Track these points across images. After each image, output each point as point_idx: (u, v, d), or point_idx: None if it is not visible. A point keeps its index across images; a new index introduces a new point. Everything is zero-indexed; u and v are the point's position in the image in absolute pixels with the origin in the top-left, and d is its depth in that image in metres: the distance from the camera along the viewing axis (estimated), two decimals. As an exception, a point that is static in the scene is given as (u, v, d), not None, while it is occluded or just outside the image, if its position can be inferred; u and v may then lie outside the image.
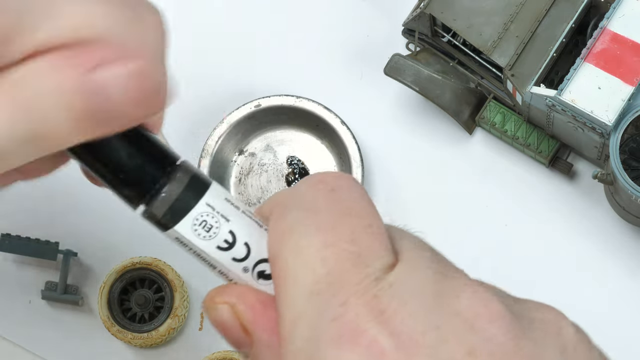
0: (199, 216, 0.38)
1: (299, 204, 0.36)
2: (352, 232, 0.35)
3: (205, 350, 0.82)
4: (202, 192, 0.39)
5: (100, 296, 0.81)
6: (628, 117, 0.72)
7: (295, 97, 0.82)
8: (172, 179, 0.39)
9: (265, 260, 0.38)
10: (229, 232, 0.38)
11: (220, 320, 0.38)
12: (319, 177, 0.37)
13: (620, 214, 0.80)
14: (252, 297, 0.37)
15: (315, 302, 0.33)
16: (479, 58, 0.81)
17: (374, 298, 0.33)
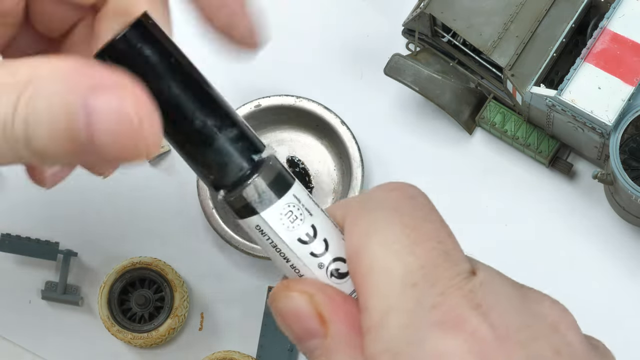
0: (286, 206, 0.39)
1: (380, 206, 0.38)
2: (437, 235, 0.37)
3: (205, 350, 0.82)
4: (290, 184, 0.39)
5: (100, 296, 0.81)
6: (628, 117, 0.72)
7: (295, 97, 0.82)
8: (263, 167, 0.39)
9: (340, 259, 0.39)
10: (311, 226, 0.39)
11: (295, 309, 0.38)
12: (395, 185, 0.40)
13: (620, 214, 0.80)
14: (331, 290, 0.38)
15: (412, 292, 0.35)
16: (479, 58, 0.81)
17: (470, 292, 0.35)
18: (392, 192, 0.39)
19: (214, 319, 0.83)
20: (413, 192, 0.39)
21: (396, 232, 0.37)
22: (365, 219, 0.38)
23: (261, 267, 0.83)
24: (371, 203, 0.38)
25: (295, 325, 0.38)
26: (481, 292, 0.36)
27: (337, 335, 0.38)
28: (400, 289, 0.35)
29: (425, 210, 0.38)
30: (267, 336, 0.81)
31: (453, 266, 0.36)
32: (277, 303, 0.39)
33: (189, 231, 0.84)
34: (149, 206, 0.85)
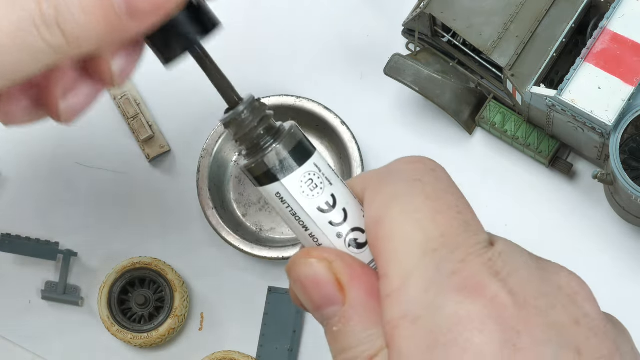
0: (307, 174, 0.39)
1: (401, 177, 0.38)
2: (456, 205, 0.38)
3: (205, 350, 0.82)
4: (311, 153, 0.39)
5: (100, 296, 0.81)
6: (628, 117, 0.72)
7: (295, 97, 0.82)
8: (283, 135, 0.39)
9: (359, 229, 0.39)
10: (330, 195, 0.39)
11: (313, 275, 0.39)
12: (416, 157, 0.40)
13: (620, 214, 0.80)
14: (350, 258, 0.39)
15: (432, 258, 0.36)
16: (479, 58, 0.81)
17: (489, 260, 0.36)
18: (413, 164, 0.39)
19: (214, 319, 0.83)
20: (433, 165, 0.40)
21: (417, 202, 0.37)
22: (386, 189, 0.38)
23: (261, 267, 0.83)
24: (392, 174, 0.39)
25: (314, 292, 0.39)
26: (500, 260, 0.36)
27: (355, 301, 0.38)
28: (420, 255, 0.36)
29: (446, 183, 0.39)
30: (267, 336, 0.81)
31: (473, 235, 0.37)
32: (296, 270, 0.39)
33: (189, 231, 0.84)
34: (149, 206, 0.85)
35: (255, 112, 0.40)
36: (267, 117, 0.40)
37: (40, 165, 0.85)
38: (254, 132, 0.40)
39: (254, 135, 0.40)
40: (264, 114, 0.40)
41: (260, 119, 0.40)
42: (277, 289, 0.81)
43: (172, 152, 0.85)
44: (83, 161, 0.85)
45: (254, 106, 0.40)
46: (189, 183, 0.84)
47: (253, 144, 0.40)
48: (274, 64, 0.86)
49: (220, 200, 0.82)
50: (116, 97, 0.85)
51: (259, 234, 0.83)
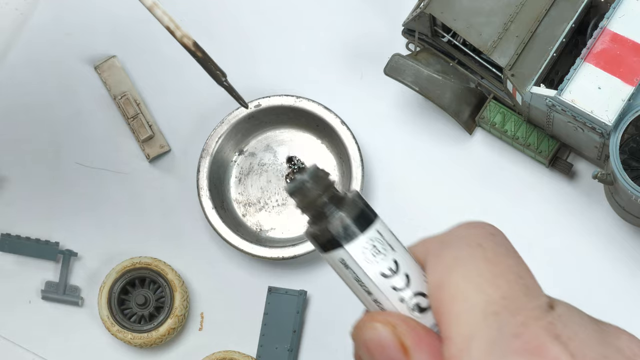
0: (370, 240, 0.40)
1: (463, 242, 0.40)
2: (517, 270, 0.39)
3: (205, 350, 0.82)
4: (373, 220, 0.40)
5: (100, 296, 0.81)
6: (628, 117, 0.72)
7: (295, 97, 0.82)
8: (347, 203, 0.40)
9: (421, 293, 0.40)
10: (393, 260, 0.40)
11: (378, 339, 0.40)
12: (476, 223, 0.41)
13: (620, 214, 0.80)
14: (413, 322, 0.40)
15: (493, 321, 0.37)
16: (479, 58, 0.81)
17: (550, 324, 0.37)
18: (474, 229, 0.41)
19: (214, 319, 0.83)
20: (493, 230, 0.41)
21: (479, 266, 0.38)
22: (448, 253, 0.39)
23: (261, 267, 0.83)
24: (453, 239, 0.40)
25: (379, 356, 0.40)
26: (561, 323, 0.37)
27: None
28: (482, 317, 0.37)
29: (506, 247, 0.40)
30: (267, 336, 0.81)
31: (533, 299, 0.38)
32: (362, 334, 0.41)
33: (189, 231, 0.84)
34: (149, 206, 0.85)
35: (318, 182, 0.41)
36: (330, 186, 0.41)
37: (40, 165, 0.85)
38: (317, 200, 0.41)
39: (318, 203, 0.41)
40: (327, 183, 0.41)
41: (323, 188, 0.41)
42: (277, 289, 0.81)
43: (172, 152, 0.85)
44: (83, 161, 0.85)
45: (318, 175, 0.41)
46: (189, 183, 0.84)
47: (317, 212, 0.41)
48: (274, 64, 0.86)
49: (220, 200, 0.82)
50: (116, 97, 0.85)
51: (259, 234, 0.83)
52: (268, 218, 0.83)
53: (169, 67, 0.86)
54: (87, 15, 0.88)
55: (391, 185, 0.84)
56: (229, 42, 0.87)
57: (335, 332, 0.82)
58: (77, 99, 0.86)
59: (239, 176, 0.84)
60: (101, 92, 0.86)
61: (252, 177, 0.84)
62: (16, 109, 0.86)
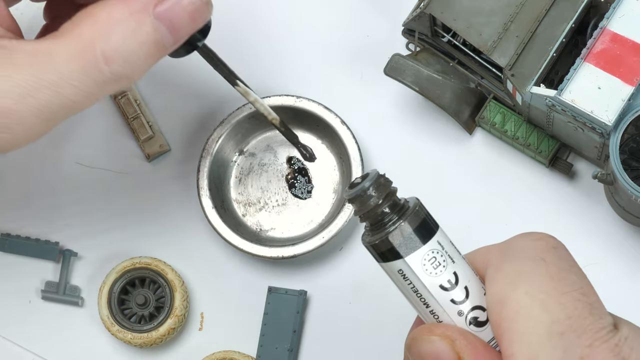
0: (430, 252, 0.39)
1: (524, 255, 0.39)
2: (580, 286, 0.39)
3: (205, 350, 0.82)
4: (434, 231, 0.39)
5: (100, 296, 0.81)
6: (628, 117, 0.72)
7: (295, 97, 0.82)
8: (408, 213, 0.39)
9: (480, 307, 0.39)
10: (453, 273, 0.39)
11: (436, 353, 0.39)
12: (538, 235, 0.40)
13: (620, 214, 0.80)
14: (472, 336, 0.40)
15: (559, 341, 0.37)
16: (479, 58, 0.81)
17: (616, 347, 0.37)
18: (535, 242, 0.40)
19: (214, 319, 0.83)
20: (555, 243, 0.40)
21: (542, 282, 0.38)
22: (509, 267, 0.38)
23: (261, 267, 0.83)
24: (514, 251, 0.39)
25: None
26: (627, 346, 0.37)
27: None
28: (547, 337, 0.36)
29: (568, 261, 0.40)
30: (267, 336, 0.81)
31: (598, 319, 0.38)
32: (418, 346, 0.40)
33: (189, 231, 0.84)
34: (149, 206, 0.85)
35: (380, 189, 0.40)
36: (392, 194, 0.40)
37: (40, 165, 0.85)
38: (378, 208, 0.40)
39: (378, 212, 0.40)
40: (389, 191, 0.40)
41: (385, 196, 0.40)
42: (277, 289, 0.81)
43: (172, 152, 0.85)
44: (83, 161, 0.85)
45: (379, 182, 0.40)
46: (189, 183, 0.84)
47: (377, 221, 0.40)
48: (274, 64, 0.86)
49: (220, 200, 0.82)
50: (116, 97, 0.85)
51: (259, 234, 0.83)
52: (268, 218, 0.83)
53: (169, 67, 0.86)
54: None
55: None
56: (229, 42, 0.87)
57: (335, 332, 0.82)
58: (77, 99, 0.86)
59: (239, 176, 0.84)
60: (101, 92, 0.86)
61: (252, 177, 0.84)
62: (16, 109, 0.86)
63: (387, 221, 0.39)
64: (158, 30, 0.45)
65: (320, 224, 0.82)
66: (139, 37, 0.45)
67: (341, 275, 0.82)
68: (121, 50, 0.44)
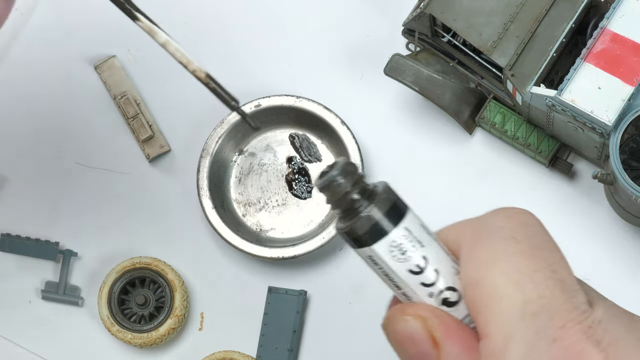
0: (397, 239, 0.40)
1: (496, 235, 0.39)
2: (551, 263, 0.38)
3: (205, 350, 0.82)
4: (402, 217, 0.40)
5: (100, 296, 0.81)
6: (628, 117, 0.72)
7: (295, 97, 0.82)
8: (376, 200, 0.39)
9: (451, 288, 0.40)
10: (422, 257, 0.40)
11: (409, 331, 0.40)
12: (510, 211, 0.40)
13: (620, 214, 0.80)
14: (444, 314, 0.40)
15: (532, 322, 0.36)
16: (479, 58, 0.81)
17: (589, 328, 0.36)
18: (508, 219, 0.40)
19: (214, 319, 0.83)
20: (527, 219, 0.40)
21: (515, 262, 0.38)
22: (482, 247, 0.39)
23: (261, 267, 0.83)
24: (487, 231, 0.39)
25: (410, 348, 0.40)
26: (600, 328, 0.37)
27: (449, 357, 0.39)
28: (520, 317, 0.37)
29: (540, 237, 0.39)
30: (267, 336, 0.81)
31: (570, 298, 0.37)
32: (393, 326, 0.40)
33: (189, 231, 0.84)
34: (149, 206, 0.85)
35: (348, 176, 0.40)
36: (360, 180, 0.40)
37: (40, 165, 0.85)
38: (347, 196, 0.40)
39: (348, 199, 0.40)
40: (357, 177, 0.40)
41: (353, 183, 0.40)
42: (277, 289, 0.81)
43: (172, 152, 0.85)
44: (83, 161, 0.85)
45: (347, 170, 0.40)
46: (189, 183, 0.84)
47: (348, 207, 0.40)
48: (274, 64, 0.86)
49: (220, 200, 0.82)
50: (116, 97, 0.85)
51: (259, 234, 0.83)
52: (268, 218, 0.83)
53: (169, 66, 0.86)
54: (87, 15, 0.87)
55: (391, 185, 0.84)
56: (229, 42, 0.87)
57: (335, 332, 0.82)
58: (77, 98, 0.86)
59: (239, 176, 0.84)
60: (101, 92, 0.86)
61: (252, 177, 0.84)
62: (16, 109, 0.86)
63: (357, 207, 0.40)
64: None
65: (320, 224, 0.82)
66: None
67: (341, 275, 0.82)
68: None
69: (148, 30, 0.49)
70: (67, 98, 0.86)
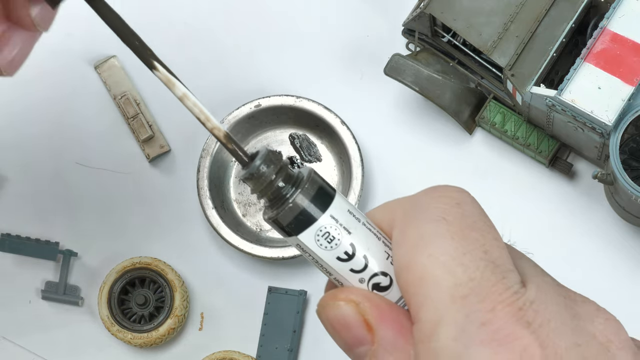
0: (323, 228, 0.39)
1: (427, 215, 0.38)
2: (483, 243, 0.37)
3: (205, 350, 0.82)
4: (328, 204, 0.39)
5: (100, 296, 0.81)
6: (628, 117, 0.72)
7: (295, 97, 0.82)
8: (300, 188, 0.39)
9: (382, 273, 0.39)
10: (349, 244, 0.39)
11: (342, 317, 0.39)
12: (442, 190, 0.39)
13: (620, 214, 0.80)
14: (376, 298, 0.39)
15: (461, 305, 0.36)
16: (479, 58, 0.81)
17: (520, 310, 0.35)
18: (438, 199, 0.39)
19: (214, 319, 0.83)
20: (459, 197, 0.39)
21: (444, 244, 0.37)
22: (412, 231, 0.38)
23: (261, 267, 0.83)
24: (418, 212, 0.39)
25: (344, 333, 0.39)
26: (532, 309, 0.36)
27: (383, 341, 0.38)
28: (449, 300, 0.36)
29: (471, 217, 0.38)
30: (267, 336, 0.81)
31: (501, 279, 0.36)
32: (326, 312, 0.40)
33: (189, 231, 0.84)
34: (149, 206, 0.85)
35: (271, 165, 0.40)
36: (284, 168, 0.40)
37: (40, 165, 0.85)
38: (271, 185, 0.40)
39: (271, 188, 0.40)
40: (280, 165, 0.40)
41: (277, 171, 0.40)
42: (277, 289, 0.81)
43: (172, 152, 0.85)
44: (83, 161, 0.85)
45: (270, 159, 0.40)
46: (189, 183, 0.84)
47: (272, 197, 0.40)
48: (274, 64, 0.86)
49: (220, 200, 0.82)
50: (116, 97, 0.85)
51: (259, 234, 0.83)
52: (268, 218, 0.83)
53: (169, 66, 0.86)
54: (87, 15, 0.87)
55: (391, 185, 0.84)
56: (229, 42, 0.87)
57: (335, 332, 0.81)
58: (77, 98, 0.86)
59: (239, 176, 0.84)
60: (101, 92, 0.86)
61: (252, 177, 0.84)
62: (16, 109, 0.86)
63: (282, 195, 0.39)
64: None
65: (320, 224, 0.82)
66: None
67: (341, 275, 0.82)
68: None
69: (166, 81, 0.47)
70: (67, 98, 0.86)
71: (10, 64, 0.51)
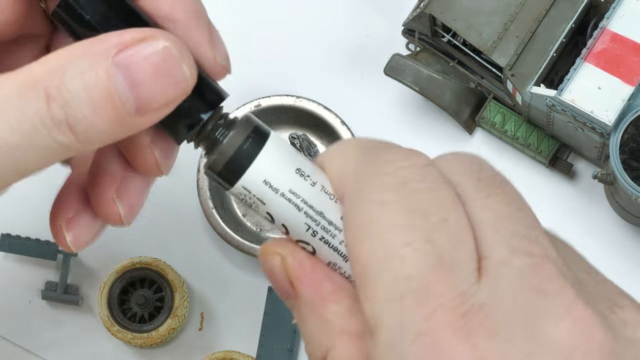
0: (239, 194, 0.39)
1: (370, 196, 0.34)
2: (427, 229, 0.32)
3: (205, 350, 0.82)
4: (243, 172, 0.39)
5: (100, 296, 0.81)
6: (628, 117, 0.72)
7: (295, 97, 0.82)
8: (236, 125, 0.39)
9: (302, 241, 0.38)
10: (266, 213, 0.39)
11: (271, 269, 0.39)
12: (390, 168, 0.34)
13: (620, 214, 0.80)
14: (302, 255, 0.38)
15: (398, 310, 0.31)
16: (479, 58, 0.81)
17: (463, 317, 0.30)
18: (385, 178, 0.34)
19: (214, 319, 0.83)
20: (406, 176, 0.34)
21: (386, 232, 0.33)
22: (356, 215, 0.34)
23: (261, 267, 0.83)
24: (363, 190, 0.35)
25: (274, 284, 0.39)
26: (477, 318, 0.31)
27: (305, 299, 0.38)
28: (386, 302, 0.32)
29: (417, 201, 0.33)
30: (267, 336, 0.81)
31: (446, 275, 0.31)
32: (261, 260, 0.39)
33: (189, 231, 0.84)
34: (149, 206, 0.85)
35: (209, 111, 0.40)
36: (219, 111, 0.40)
37: (40, 165, 0.85)
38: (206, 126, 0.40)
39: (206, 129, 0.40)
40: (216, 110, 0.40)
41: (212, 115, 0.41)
42: (277, 289, 0.81)
43: (172, 152, 0.85)
44: (83, 161, 0.85)
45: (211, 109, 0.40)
46: (189, 183, 0.84)
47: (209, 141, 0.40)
48: (274, 64, 0.86)
49: (220, 200, 0.82)
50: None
51: (259, 234, 0.83)
52: (268, 218, 0.83)
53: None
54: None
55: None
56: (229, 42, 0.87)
57: (335, 332, 0.81)
58: (77, 99, 0.86)
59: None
60: (101, 92, 0.86)
61: (252, 177, 0.84)
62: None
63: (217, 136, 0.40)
64: (112, 78, 0.37)
65: (320, 224, 0.82)
66: (87, 80, 0.36)
67: (341, 275, 0.82)
68: (63, 89, 0.36)
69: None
70: (67, 98, 0.86)
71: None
